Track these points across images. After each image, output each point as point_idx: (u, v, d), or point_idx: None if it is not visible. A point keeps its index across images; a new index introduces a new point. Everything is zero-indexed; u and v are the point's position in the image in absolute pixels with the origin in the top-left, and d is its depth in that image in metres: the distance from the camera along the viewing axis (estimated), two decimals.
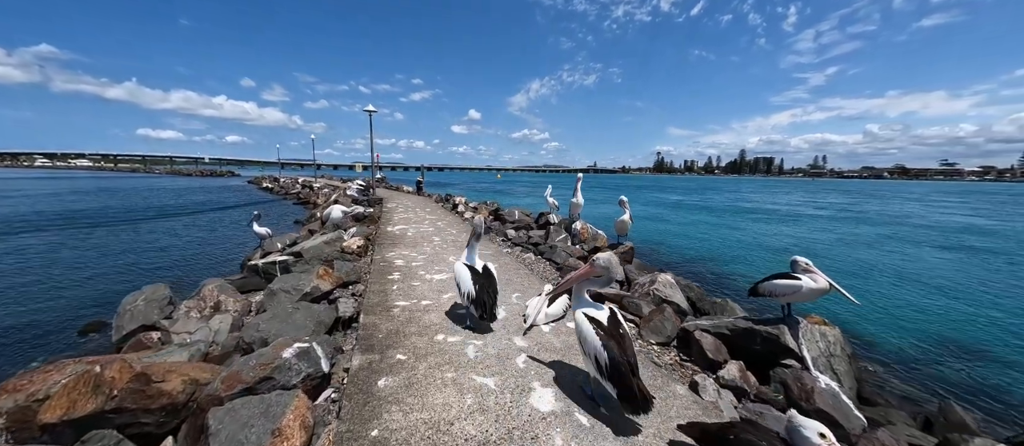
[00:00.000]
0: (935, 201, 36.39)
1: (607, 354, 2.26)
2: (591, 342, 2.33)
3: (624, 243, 6.75)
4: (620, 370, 2.23)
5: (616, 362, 2.24)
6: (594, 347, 2.31)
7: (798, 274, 3.63)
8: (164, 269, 8.62)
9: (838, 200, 36.71)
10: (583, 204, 8.60)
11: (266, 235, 9.14)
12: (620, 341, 2.34)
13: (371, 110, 16.63)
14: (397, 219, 10.48)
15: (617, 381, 2.24)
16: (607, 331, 2.36)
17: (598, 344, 2.29)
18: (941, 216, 22.57)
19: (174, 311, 4.51)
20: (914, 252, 12.41)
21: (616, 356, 2.25)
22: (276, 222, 16.07)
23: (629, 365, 2.25)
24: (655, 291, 5.49)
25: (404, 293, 4.49)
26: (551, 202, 11.34)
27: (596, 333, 2.34)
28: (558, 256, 7.15)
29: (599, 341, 2.30)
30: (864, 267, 10.36)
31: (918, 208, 28.20)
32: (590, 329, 2.37)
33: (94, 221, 14.72)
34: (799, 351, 3.63)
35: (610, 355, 2.25)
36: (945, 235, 15.78)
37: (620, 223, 6.68)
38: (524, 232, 10.05)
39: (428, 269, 5.47)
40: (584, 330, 2.40)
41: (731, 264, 10.53)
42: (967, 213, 24.37)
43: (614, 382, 2.25)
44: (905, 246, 13.38)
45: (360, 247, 6.75)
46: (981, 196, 46.11)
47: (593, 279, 2.55)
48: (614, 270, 2.43)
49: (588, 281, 2.58)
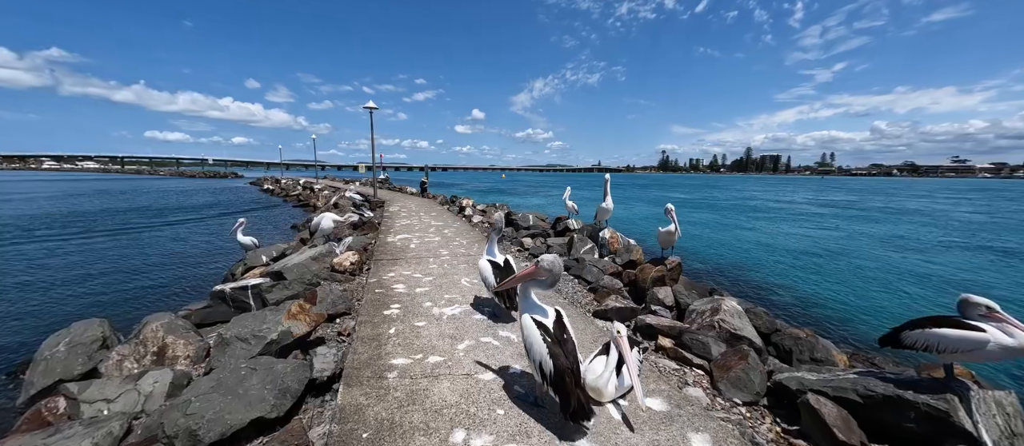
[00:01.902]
0: (976, 199, 34.80)
1: (553, 362, 2.24)
2: (537, 349, 2.32)
3: (670, 257, 5.61)
4: (564, 379, 2.21)
5: (561, 371, 2.22)
6: (540, 354, 2.30)
7: (978, 322, 2.48)
8: (121, 292, 7.12)
9: (871, 200, 35.18)
10: (613, 209, 7.47)
11: (251, 245, 8.10)
12: (564, 347, 2.33)
13: (371, 107, 15.60)
14: (399, 226, 9.39)
15: (560, 390, 2.23)
16: (553, 337, 2.35)
17: (544, 351, 2.28)
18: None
19: (105, 359, 3.44)
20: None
21: (562, 364, 2.23)
22: (271, 228, 15.06)
23: (573, 374, 2.24)
24: (721, 323, 4.35)
25: (405, 342, 3.34)
26: (570, 205, 10.23)
27: (543, 339, 2.32)
28: (589, 273, 6.02)
29: (545, 348, 2.29)
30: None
31: (982, 206, 26.72)
32: (537, 335, 2.35)
33: (69, 227, 13.71)
34: (977, 435, 2.49)
35: (556, 364, 2.23)
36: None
37: (665, 234, 5.55)
38: (541, 240, 8.93)
39: (436, 298, 4.36)
40: (530, 336, 2.37)
41: (774, 274, 9.35)
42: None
43: (557, 391, 2.24)
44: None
45: (354, 264, 5.67)
46: (1012, 195, 44.38)
47: (537, 281, 2.51)
48: (557, 272, 2.46)
49: (533, 282, 2.53)
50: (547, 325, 2.41)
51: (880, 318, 6.56)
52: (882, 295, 7.78)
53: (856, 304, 7.19)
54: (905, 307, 7.14)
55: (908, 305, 7.27)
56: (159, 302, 6.48)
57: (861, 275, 9.27)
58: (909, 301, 7.51)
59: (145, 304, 6.39)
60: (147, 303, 6.43)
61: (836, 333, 5.85)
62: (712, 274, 9.30)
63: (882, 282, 8.69)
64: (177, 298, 6.68)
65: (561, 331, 2.40)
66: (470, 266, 5.67)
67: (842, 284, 8.49)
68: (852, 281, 8.74)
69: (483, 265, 3.78)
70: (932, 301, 7.58)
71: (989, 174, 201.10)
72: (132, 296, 6.93)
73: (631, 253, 6.74)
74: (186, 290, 7.26)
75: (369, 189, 21.60)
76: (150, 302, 6.48)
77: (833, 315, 6.64)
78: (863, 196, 39.91)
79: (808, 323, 6.26)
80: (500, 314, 3.89)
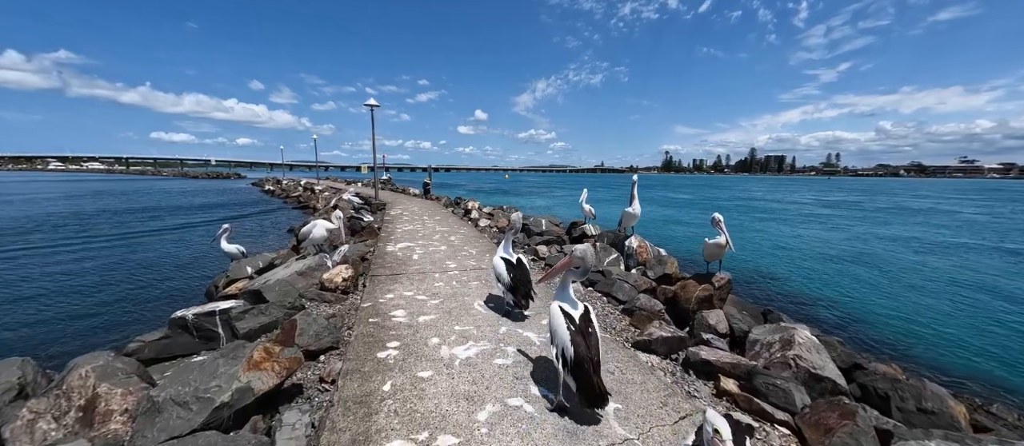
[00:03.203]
0: (1000, 201, 33.67)
1: (574, 350, 2.30)
2: (561, 335, 2.38)
3: (718, 273, 4.76)
4: (583, 367, 2.27)
5: (581, 359, 2.28)
6: (562, 341, 2.36)
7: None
8: (73, 315, 5.95)
9: (889, 200, 34.10)
10: (640, 215, 6.63)
11: (238, 254, 7.29)
12: (587, 339, 2.37)
13: (372, 104, 14.82)
14: (400, 232, 8.57)
15: (579, 376, 2.29)
16: (577, 328, 2.39)
17: (566, 338, 2.34)
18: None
19: (11, 419, 2.64)
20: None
21: (582, 353, 2.29)
22: (267, 232, 14.30)
23: (592, 363, 2.30)
24: (797, 360, 3.51)
25: (404, 407, 2.42)
26: (586, 209, 9.39)
27: (567, 328, 2.38)
28: (620, 290, 5.18)
29: (568, 335, 2.34)
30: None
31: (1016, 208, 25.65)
32: (562, 323, 2.41)
33: (40, 233, 12.89)
34: None
35: (576, 351, 2.29)
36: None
37: (713, 247, 4.70)
38: (557, 248, 8.10)
39: (445, 330, 3.49)
40: (556, 322, 2.44)
41: (810, 285, 8.47)
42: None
43: (576, 377, 2.31)
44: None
45: (347, 280, 4.85)
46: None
47: (572, 270, 2.59)
48: (590, 262, 2.55)
49: (570, 273, 2.61)
50: (573, 316, 2.46)
51: (975, 347, 5.56)
52: (964, 317, 6.64)
53: (930, 325, 6.24)
54: (1005, 336, 5.95)
55: (1006, 332, 6.10)
56: (113, 329, 5.46)
57: (924, 288, 8.26)
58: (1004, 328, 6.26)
59: (96, 331, 5.39)
60: (98, 329, 5.45)
61: (921, 364, 4.94)
62: (741, 288, 8.43)
63: (954, 298, 7.62)
64: (139, 324, 5.62)
65: (586, 324, 2.46)
66: (483, 284, 4.83)
67: (899, 299, 7.55)
68: (912, 296, 7.76)
69: (498, 262, 3.88)
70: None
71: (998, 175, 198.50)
72: (85, 319, 5.85)
73: (664, 265, 5.88)
74: (155, 310, 6.25)
75: (370, 190, 20.84)
76: (102, 328, 5.50)
77: (906, 340, 5.73)
78: (878, 197, 38.79)
79: (877, 349, 5.39)
80: (527, 351, 3.08)
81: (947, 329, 6.14)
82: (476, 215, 12.23)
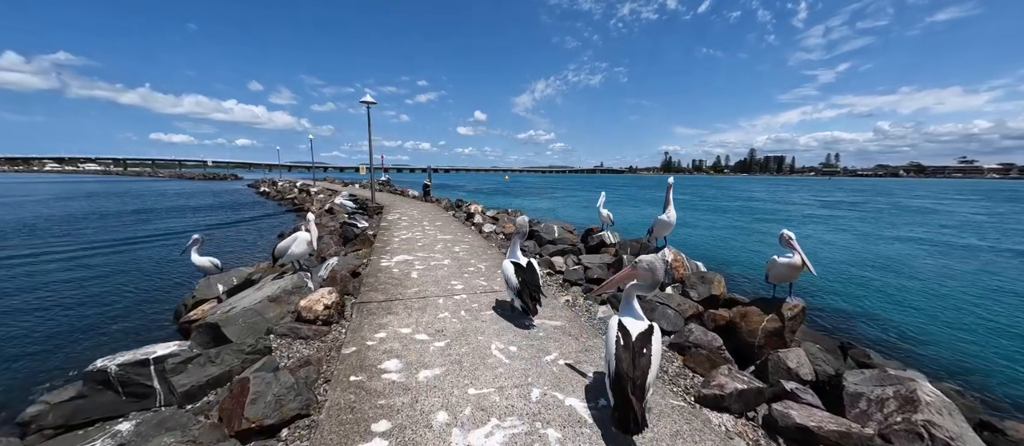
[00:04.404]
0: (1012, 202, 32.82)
1: (616, 365, 2.19)
2: (610, 348, 2.31)
3: (789, 299, 3.86)
4: (621, 384, 2.13)
5: (621, 376, 2.15)
6: (610, 353, 2.29)
7: None
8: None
9: (898, 200, 33.24)
10: (675, 223, 5.73)
11: (211, 268, 6.36)
12: (636, 357, 2.21)
13: (369, 101, 13.90)
14: (398, 242, 7.64)
15: (616, 392, 2.16)
16: (628, 344, 2.26)
17: (613, 352, 2.25)
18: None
19: None
20: None
21: (624, 369, 2.16)
22: (253, 239, 13.35)
23: (633, 382, 2.13)
24: (929, 429, 2.60)
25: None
26: (604, 214, 8.49)
27: (616, 342, 2.28)
28: (664, 319, 4.26)
29: (615, 350, 2.25)
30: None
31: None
32: (614, 337, 2.32)
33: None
34: None
35: (618, 367, 2.18)
36: None
37: (785, 267, 3.78)
38: (573, 259, 7.18)
39: (454, 397, 2.51)
40: (609, 336, 2.38)
41: (854, 299, 7.56)
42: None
43: (613, 393, 2.19)
44: None
45: (330, 308, 3.92)
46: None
47: (638, 283, 2.47)
48: (659, 275, 2.40)
49: (635, 285, 2.48)
50: (631, 331, 2.32)
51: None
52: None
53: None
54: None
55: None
56: (31, 378, 4.07)
57: (989, 303, 7.37)
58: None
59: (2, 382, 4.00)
60: (8, 379, 4.07)
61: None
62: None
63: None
64: (72, 365, 4.25)
65: (643, 343, 2.28)
66: (499, 313, 3.91)
67: (965, 314, 6.60)
68: (981, 311, 6.84)
69: (507, 266, 3.87)
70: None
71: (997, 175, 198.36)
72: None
73: (710, 284, 4.96)
74: (104, 343, 4.91)
75: (367, 192, 19.90)
76: (17, 376, 4.13)
77: (994, 371, 4.79)
78: (883, 197, 37.94)
79: (977, 388, 4.44)
80: (577, 432, 2.18)
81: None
82: (480, 220, 11.31)
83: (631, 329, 2.33)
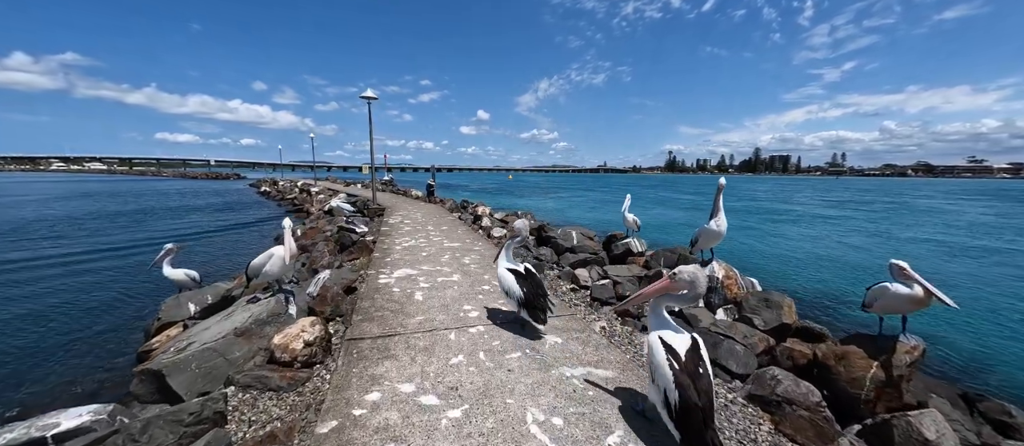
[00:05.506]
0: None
1: (679, 394, 1.88)
2: (663, 374, 1.97)
3: (904, 338, 2.97)
4: (690, 415, 1.85)
5: (688, 407, 1.86)
6: (666, 380, 1.95)
7: None
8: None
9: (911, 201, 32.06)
10: (726, 232, 4.85)
11: (186, 281, 5.55)
12: (697, 381, 1.93)
13: (370, 97, 13.08)
14: (399, 251, 6.80)
15: (687, 428, 1.85)
16: (683, 365, 1.97)
17: (670, 379, 1.93)
18: None
19: None
20: None
21: (690, 399, 1.86)
22: (245, 244, 12.56)
23: (703, 411, 1.86)
24: None
25: None
26: (630, 219, 7.63)
27: (669, 365, 1.97)
28: (732, 358, 3.40)
29: (672, 376, 1.93)
30: None
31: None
32: (664, 358, 2.01)
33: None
34: None
35: (682, 395, 1.87)
36: None
37: (900, 300, 2.90)
38: (597, 271, 6.31)
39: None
40: (657, 358, 2.03)
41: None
42: None
43: (680, 427, 1.88)
44: None
45: (312, 344, 3.09)
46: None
47: (672, 295, 2.22)
48: (700, 286, 2.12)
49: (666, 297, 2.24)
50: (677, 350, 2.03)
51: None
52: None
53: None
54: None
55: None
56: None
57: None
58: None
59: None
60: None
61: None
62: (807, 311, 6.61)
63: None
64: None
65: (696, 362, 2.00)
66: (528, 353, 3.06)
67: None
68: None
69: (505, 276, 3.48)
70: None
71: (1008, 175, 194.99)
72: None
73: (777, 309, 4.08)
74: (30, 395, 3.87)
75: (369, 192, 19.08)
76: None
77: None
78: (895, 197, 36.70)
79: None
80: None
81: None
82: (488, 223, 10.46)
83: (676, 346, 2.05)
